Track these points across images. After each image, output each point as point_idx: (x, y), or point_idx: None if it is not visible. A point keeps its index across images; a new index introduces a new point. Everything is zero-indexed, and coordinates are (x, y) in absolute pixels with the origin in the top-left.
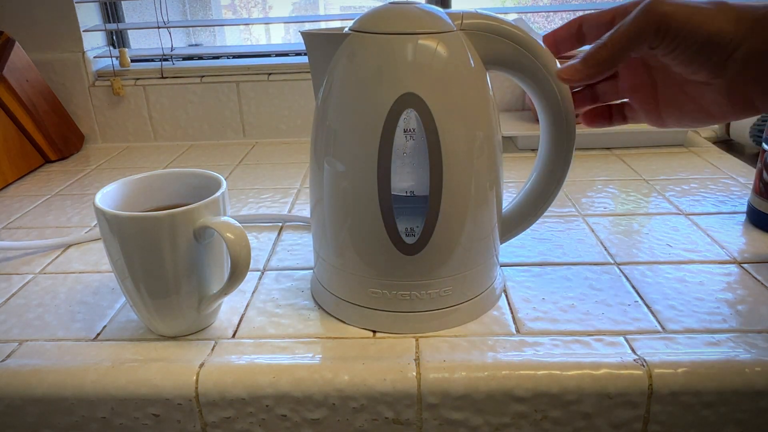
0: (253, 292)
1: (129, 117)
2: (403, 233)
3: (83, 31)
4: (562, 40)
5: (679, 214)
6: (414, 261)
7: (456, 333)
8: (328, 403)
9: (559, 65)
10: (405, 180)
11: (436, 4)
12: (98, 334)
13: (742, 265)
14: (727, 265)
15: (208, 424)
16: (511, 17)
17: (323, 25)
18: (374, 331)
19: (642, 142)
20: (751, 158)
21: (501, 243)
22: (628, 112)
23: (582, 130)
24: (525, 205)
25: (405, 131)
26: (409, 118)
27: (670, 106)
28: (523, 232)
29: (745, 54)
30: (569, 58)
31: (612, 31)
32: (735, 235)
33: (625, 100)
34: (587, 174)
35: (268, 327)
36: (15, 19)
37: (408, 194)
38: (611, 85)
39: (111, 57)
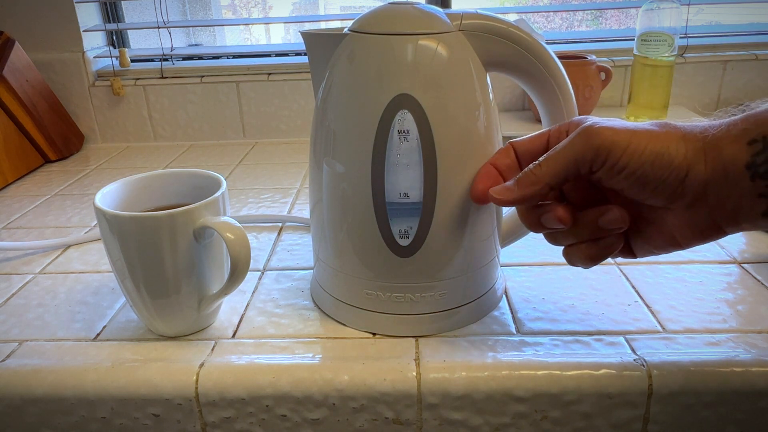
0: (253, 292)
1: (129, 117)
2: (398, 235)
3: (83, 31)
4: (505, 169)
5: None
6: (409, 263)
7: (456, 333)
8: (328, 403)
9: (561, 68)
10: (400, 182)
11: (436, 5)
12: (98, 334)
13: (742, 265)
14: (727, 265)
15: (208, 424)
16: (511, 17)
17: (323, 25)
18: (374, 332)
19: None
20: None
21: (502, 247)
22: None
23: None
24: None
25: (399, 132)
26: (403, 120)
27: (634, 234)
28: None
29: (701, 179)
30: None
31: (548, 152)
32: (735, 235)
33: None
34: None
35: (268, 327)
36: (15, 19)
37: (402, 196)
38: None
39: (111, 57)
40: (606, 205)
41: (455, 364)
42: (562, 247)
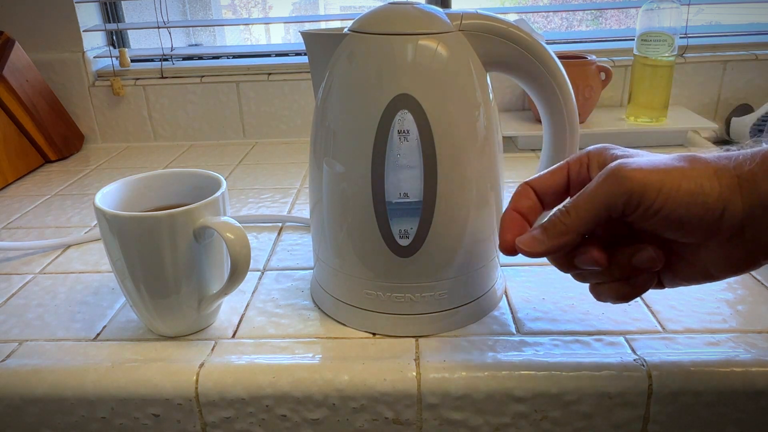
0: (253, 292)
1: (129, 117)
2: (398, 235)
3: (83, 31)
4: (527, 211)
5: None
6: (409, 263)
7: (456, 333)
8: (328, 403)
9: (561, 68)
10: (400, 182)
11: (436, 5)
12: (98, 334)
13: None
14: None
15: (208, 424)
16: (511, 17)
17: (323, 25)
18: (374, 332)
19: (642, 142)
20: None
21: None
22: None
23: (584, 130)
24: None
25: (399, 132)
26: (403, 120)
27: (665, 269)
28: None
29: (738, 215)
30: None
31: (576, 197)
32: None
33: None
34: None
35: (268, 327)
36: (15, 19)
37: (402, 196)
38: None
39: (111, 57)
40: (638, 244)
41: (455, 364)
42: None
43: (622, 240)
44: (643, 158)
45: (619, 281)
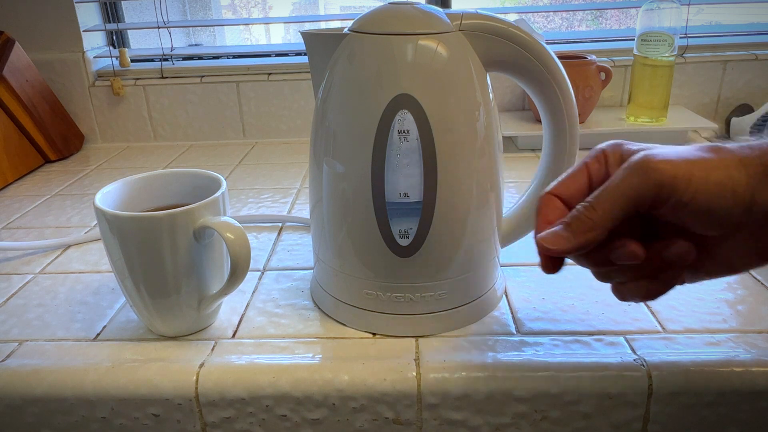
0: (253, 292)
1: (129, 117)
2: (398, 235)
3: (83, 31)
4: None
5: None
6: (409, 263)
7: (456, 333)
8: (328, 403)
9: (561, 68)
10: (400, 182)
11: (436, 5)
12: (98, 334)
13: None
14: None
15: (208, 424)
16: (511, 17)
17: (323, 25)
18: (374, 332)
19: (642, 142)
20: None
21: (502, 247)
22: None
23: (584, 130)
24: (527, 210)
25: (399, 132)
26: (403, 120)
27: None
28: None
29: (766, 205)
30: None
31: (599, 191)
32: None
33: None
34: None
35: (268, 327)
36: (15, 19)
37: (402, 196)
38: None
39: (111, 57)
40: (668, 239)
41: (455, 364)
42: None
43: (641, 234)
44: (667, 149)
45: (646, 278)
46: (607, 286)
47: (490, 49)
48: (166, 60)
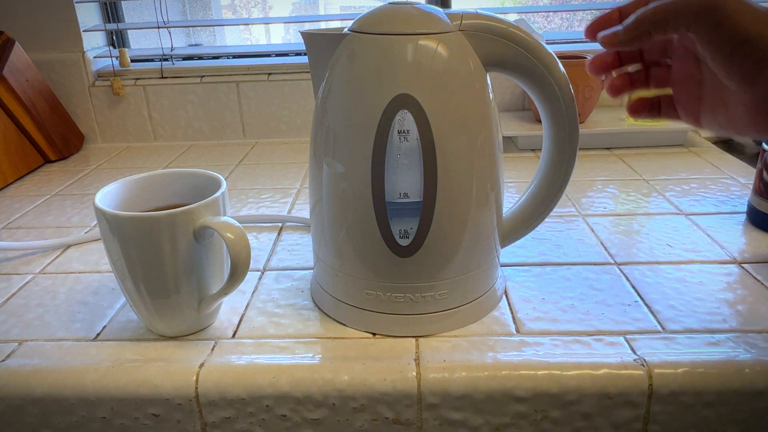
0: (253, 292)
1: (129, 117)
2: (398, 235)
3: (83, 31)
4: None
5: (679, 214)
6: (409, 263)
7: (456, 333)
8: (328, 403)
9: (561, 68)
10: (400, 182)
11: (436, 5)
12: (98, 334)
13: (742, 265)
14: (727, 265)
15: (208, 424)
16: (511, 17)
17: (323, 25)
18: (374, 332)
19: (642, 142)
20: (751, 158)
21: (502, 247)
22: (669, 107)
23: (584, 130)
24: (526, 210)
25: (399, 132)
26: (403, 119)
27: (708, 107)
28: None
29: None
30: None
31: (655, 2)
32: (735, 235)
33: (669, 93)
34: (587, 174)
35: (268, 327)
36: (15, 19)
37: (402, 196)
38: (664, 72)
39: (111, 57)
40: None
41: (455, 364)
42: (562, 246)
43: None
44: None
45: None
46: (607, 287)
47: (490, 49)
48: (166, 60)
